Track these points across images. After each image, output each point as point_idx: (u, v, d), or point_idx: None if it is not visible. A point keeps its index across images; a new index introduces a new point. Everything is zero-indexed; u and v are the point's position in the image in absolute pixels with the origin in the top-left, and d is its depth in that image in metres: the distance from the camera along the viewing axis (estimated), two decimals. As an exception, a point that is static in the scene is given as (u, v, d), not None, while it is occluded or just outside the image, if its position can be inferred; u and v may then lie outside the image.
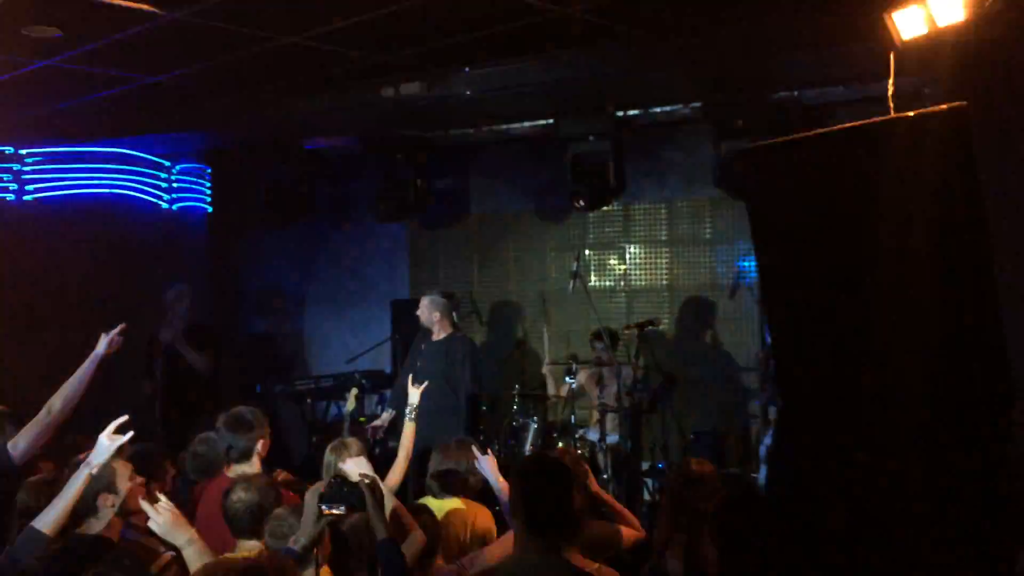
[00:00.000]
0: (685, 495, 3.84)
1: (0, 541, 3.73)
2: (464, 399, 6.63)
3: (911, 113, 3.07)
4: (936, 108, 3.02)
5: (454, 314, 7.95)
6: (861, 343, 3.27)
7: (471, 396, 6.69)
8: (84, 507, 3.58)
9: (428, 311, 6.82)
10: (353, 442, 4.70)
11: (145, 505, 3.50)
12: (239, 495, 3.78)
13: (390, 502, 3.74)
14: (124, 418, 3.73)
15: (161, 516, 3.46)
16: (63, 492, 3.49)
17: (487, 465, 4.37)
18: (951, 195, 2.97)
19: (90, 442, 3.70)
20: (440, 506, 4.48)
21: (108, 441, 3.61)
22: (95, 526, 3.62)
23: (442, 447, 4.72)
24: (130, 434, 3.68)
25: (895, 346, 3.17)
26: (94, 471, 3.54)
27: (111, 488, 3.66)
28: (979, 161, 3.02)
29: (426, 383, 5.14)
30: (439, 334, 6.81)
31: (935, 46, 3.76)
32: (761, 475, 6.40)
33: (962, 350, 3.00)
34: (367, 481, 3.41)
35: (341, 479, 3.34)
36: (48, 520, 3.44)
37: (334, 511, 3.24)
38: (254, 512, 3.67)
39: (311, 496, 3.31)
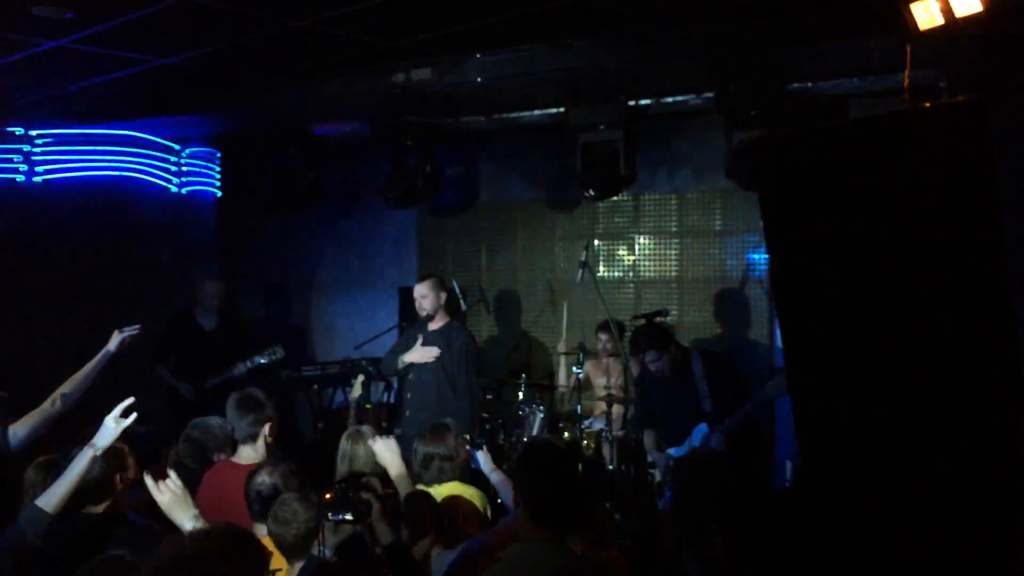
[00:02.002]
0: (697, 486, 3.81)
1: (2, 523, 3.75)
2: (463, 390, 6.49)
3: (927, 104, 3.04)
4: (953, 100, 2.98)
5: (462, 302, 7.94)
6: (873, 336, 3.24)
7: (470, 387, 6.57)
8: (100, 487, 3.61)
9: (434, 295, 6.53)
10: (368, 429, 4.71)
11: (149, 481, 3.48)
12: (262, 478, 3.78)
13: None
14: (130, 400, 3.74)
15: (165, 494, 3.45)
16: (67, 472, 3.51)
17: (481, 459, 4.38)
18: (967, 188, 2.93)
19: (89, 427, 3.70)
20: (438, 492, 4.49)
21: (114, 424, 3.62)
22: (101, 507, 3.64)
23: (419, 436, 4.70)
24: (134, 416, 3.70)
25: (907, 340, 3.15)
26: (98, 453, 3.55)
27: (124, 467, 3.69)
28: (996, 154, 2.98)
29: None
30: (437, 323, 6.58)
31: (952, 37, 3.72)
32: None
33: (974, 343, 2.97)
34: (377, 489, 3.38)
35: (346, 487, 3.29)
36: (52, 499, 3.45)
37: (340, 518, 3.19)
38: (273, 497, 3.65)
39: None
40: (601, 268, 7.89)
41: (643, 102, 6.93)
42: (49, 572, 3.35)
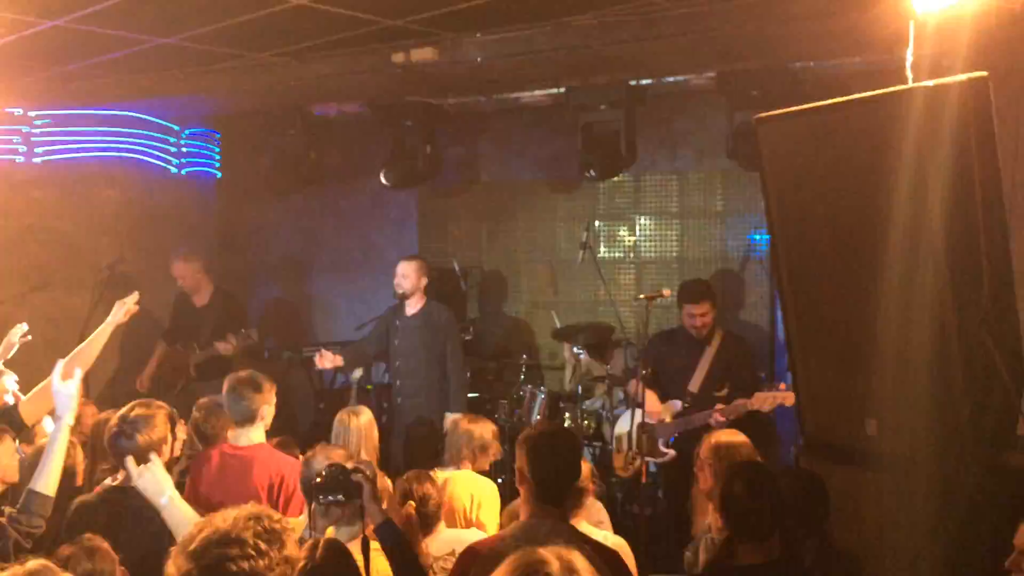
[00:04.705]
0: (719, 468, 3.78)
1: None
2: (453, 368, 6.47)
3: (930, 83, 3.02)
4: (955, 78, 2.97)
5: (462, 282, 7.94)
6: (874, 315, 3.25)
7: (459, 364, 6.54)
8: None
9: (416, 276, 6.44)
10: (363, 410, 4.73)
11: (130, 465, 3.51)
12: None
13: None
14: (63, 360, 3.74)
15: (143, 476, 3.49)
16: (48, 450, 3.51)
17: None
18: (969, 166, 2.93)
19: (88, 405, 3.70)
20: (453, 476, 4.51)
21: (63, 388, 3.61)
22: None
23: (465, 415, 4.75)
24: (79, 373, 3.69)
25: (908, 318, 3.15)
26: (71, 422, 3.57)
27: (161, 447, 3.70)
28: (997, 132, 2.98)
29: None
30: (415, 306, 6.50)
31: (954, 16, 3.70)
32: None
33: (975, 323, 2.98)
34: (367, 471, 3.41)
35: (337, 469, 3.33)
36: (47, 481, 3.46)
37: (332, 500, 3.24)
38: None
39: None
40: (602, 249, 7.89)
41: (644, 82, 6.90)
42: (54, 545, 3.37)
